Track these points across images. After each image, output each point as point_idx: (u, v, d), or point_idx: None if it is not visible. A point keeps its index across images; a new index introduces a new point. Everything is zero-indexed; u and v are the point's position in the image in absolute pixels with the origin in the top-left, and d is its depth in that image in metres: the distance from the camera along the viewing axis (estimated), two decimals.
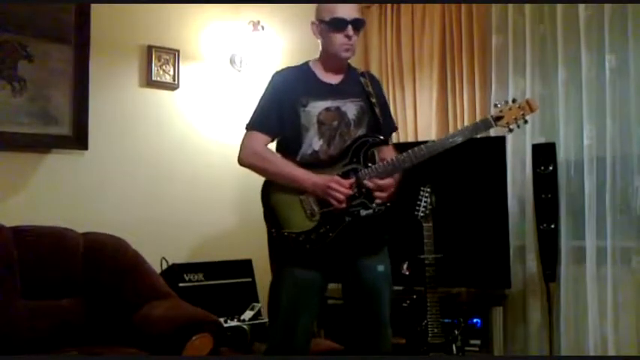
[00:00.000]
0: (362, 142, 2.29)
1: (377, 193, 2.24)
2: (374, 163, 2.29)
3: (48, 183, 3.24)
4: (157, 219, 3.58)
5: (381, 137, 2.33)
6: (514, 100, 2.26)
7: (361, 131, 2.35)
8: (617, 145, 3.43)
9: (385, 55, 4.41)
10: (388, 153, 2.38)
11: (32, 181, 3.21)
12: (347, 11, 2.30)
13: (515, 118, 2.23)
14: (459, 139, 2.23)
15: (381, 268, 2.36)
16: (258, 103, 2.41)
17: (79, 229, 3.09)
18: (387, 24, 4.40)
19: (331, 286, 2.52)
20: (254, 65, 3.93)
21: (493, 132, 3.79)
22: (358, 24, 2.32)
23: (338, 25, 2.29)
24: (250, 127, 2.38)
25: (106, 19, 3.41)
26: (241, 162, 2.37)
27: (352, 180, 2.24)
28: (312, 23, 2.38)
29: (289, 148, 2.35)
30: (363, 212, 2.25)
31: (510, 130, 2.27)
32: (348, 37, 2.30)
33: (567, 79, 3.62)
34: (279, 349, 2.31)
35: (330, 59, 2.39)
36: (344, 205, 2.21)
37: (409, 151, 2.26)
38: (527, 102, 2.24)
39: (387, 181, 2.26)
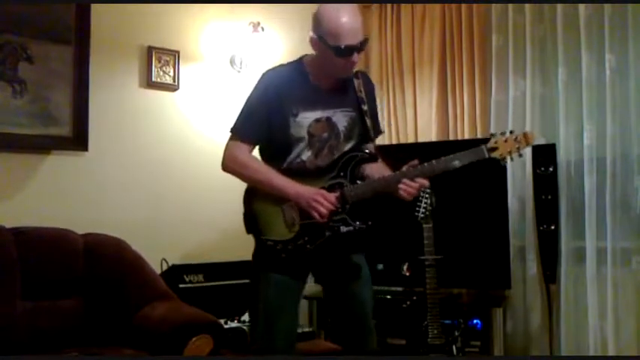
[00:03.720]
0: (350, 157, 2.25)
1: (406, 192, 2.17)
2: (362, 178, 2.25)
3: (48, 184, 3.24)
4: (157, 220, 3.58)
5: (371, 152, 2.28)
6: (511, 132, 2.18)
7: (351, 143, 2.30)
8: (617, 145, 3.43)
9: (385, 56, 4.41)
10: (378, 168, 2.31)
11: (32, 183, 3.21)
12: (353, 37, 2.12)
13: (510, 152, 2.15)
14: (450, 166, 2.16)
15: (360, 272, 2.34)
16: (245, 104, 2.32)
17: (79, 230, 3.09)
18: (387, 24, 4.40)
19: None
20: (254, 66, 3.93)
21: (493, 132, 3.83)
22: (363, 46, 2.17)
23: (344, 53, 2.13)
24: (234, 131, 2.32)
25: (106, 20, 3.41)
26: (223, 168, 2.32)
27: (337, 194, 2.20)
28: (311, 38, 2.20)
29: (275, 155, 2.29)
30: (344, 229, 2.21)
31: (504, 164, 2.19)
32: (354, 62, 2.19)
33: (567, 79, 3.62)
34: (261, 352, 2.29)
35: (327, 73, 2.28)
36: (325, 220, 2.17)
37: (399, 171, 2.20)
38: (525, 135, 2.16)
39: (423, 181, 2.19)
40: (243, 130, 2.30)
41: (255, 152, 2.36)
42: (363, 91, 2.32)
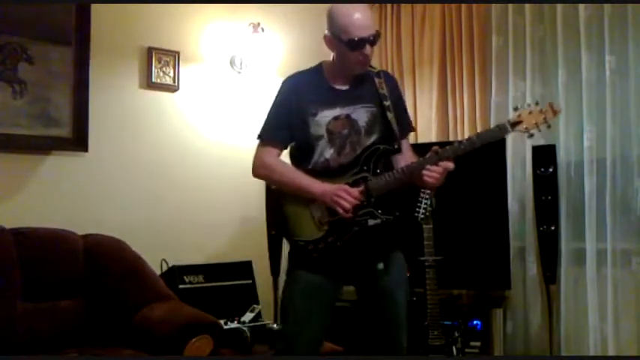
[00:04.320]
0: (372, 151, 2.26)
1: (430, 177, 2.16)
2: (385, 170, 2.25)
3: (48, 185, 3.24)
4: (157, 221, 3.58)
5: (393, 146, 2.28)
6: (537, 103, 2.14)
7: (373, 138, 2.30)
8: (617, 146, 3.42)
9: (385, 56, 4.42)
10: (406, 159, 2.32)
11: (32, 183, 3.21)
12: (365, 30, 2.18)
13: (536, 123, 2.11)
14: (472, 145, 2.13)
15: (395, 272, 2.34)
16: (269, 112, 2.39)
17: (79, 230, 3.09)
18: (387, 24, 4.40)
19: None
20: (254, 67, 3.93)
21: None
22: (375, 39, 2.22)
23: (356, 45, 2.19)
24: (260, 137, 2.38)
25: (106, 20, 3.41)
26: (253, 174, 2.38)
27: (361, 188, 2.21)
28: (325, 36, 2.29)
29: (301, 157, 2.34)
30: (371, 222, 2.22)
31: (530, 136, 2.15)
32: (366, 55, 2.22)
33: (567, 80, 3.61)
34: (284, 353, 2.31)
35: (343, 71, 2.32)
36: (350, 215, 2.19)
37: (421, 159, 2.21)
38: (551, 105, 2.12)
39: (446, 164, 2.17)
40: (268, 135, 2.36)
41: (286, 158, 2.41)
42: (385, 88, 2.34)
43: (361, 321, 2.41)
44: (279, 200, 2.36)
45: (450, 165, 2.17)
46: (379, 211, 2.22)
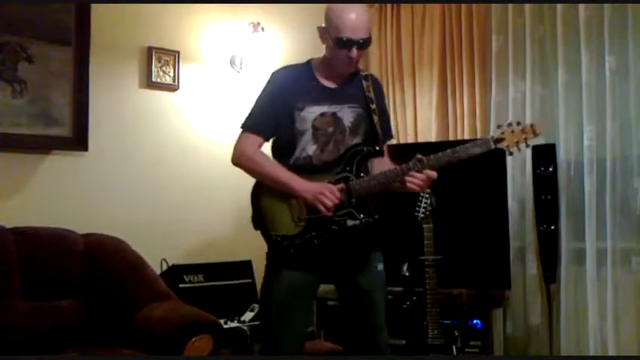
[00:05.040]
0: (356, 152, 2.27)
1: (413, 183, 2.19)
2: (366, 173, 2.27)
3: (48, 184, 3.24)
4: (157, 220, 3.58)
5: (376, 147, 2.30)
6: (518, 123, 2.21)
7: (357, 139, 2.32)
8: (617, 146, 3.43)
9: (385, 56, 4.41)
10: (383, 164, 2.34)
11: (32, 182, 3.21)
12: (354, 33, 2.21)
13: (517, 142, 2.18)
14: (456, 157, 2.18)
15: (374, 271, 2.34)
16: (255, 103, 2.38)
17: (79, 230, 3.09)
18: (387, 24, 4.40)
19: (331, 287, 2.52)
20: (254, 66, 3.93)
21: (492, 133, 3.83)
22: (364, 44, 2.24)
23: (343, 44, 2.22)
24: (244, 127, 2.37)
25: (106, 20, 3.41)
26: (232, 161, 2.37)
27: (341, 186, 2.22)
28: (319, 28, 2.31)
29: (283, 151, 2.34)
30: (350, 222, 2.22)
31: (510, 154, 2.23)
32: (351, 57, 2.25)
33: (567, 80, 3.62)
34: (269, 351, 2.31)
35: (332, 68, 2.34)
36: (331, 213, 2.19)
37: (405, 164, 2.22)
38: (532, 126, 2.19)
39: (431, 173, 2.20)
40: (251, 124, 2.36)
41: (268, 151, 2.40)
42: (372, 92, 2.36)
43: (344, 321, 2.42)
44: (257, 192, 2.34)
45: (434, 174, 2.21)
46: (360, 214, 2.23)
